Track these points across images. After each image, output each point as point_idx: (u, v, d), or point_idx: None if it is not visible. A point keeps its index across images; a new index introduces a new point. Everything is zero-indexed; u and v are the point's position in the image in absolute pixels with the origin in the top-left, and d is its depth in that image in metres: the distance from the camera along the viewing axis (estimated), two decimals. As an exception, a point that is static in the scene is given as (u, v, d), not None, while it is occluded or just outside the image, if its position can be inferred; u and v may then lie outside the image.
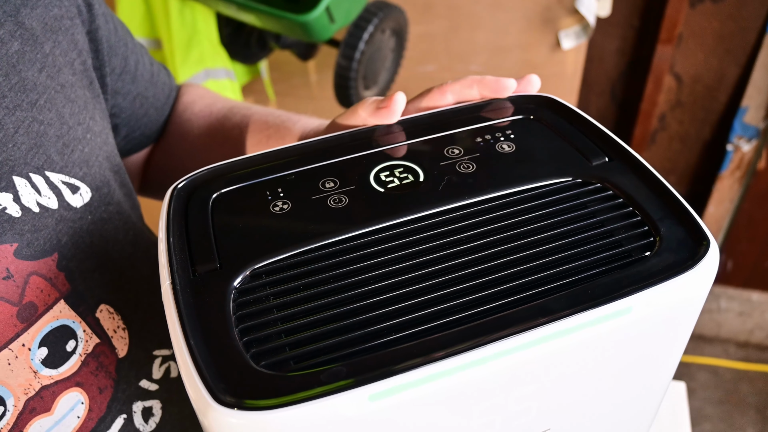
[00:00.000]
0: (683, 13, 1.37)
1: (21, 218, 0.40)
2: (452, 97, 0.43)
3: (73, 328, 0.43)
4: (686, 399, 0.80)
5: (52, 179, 0.42)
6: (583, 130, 0.40)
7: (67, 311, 0.42)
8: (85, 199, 0.44)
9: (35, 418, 0.41)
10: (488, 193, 0.35)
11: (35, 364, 0.40)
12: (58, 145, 0.43)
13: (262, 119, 0.57)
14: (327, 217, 0.34)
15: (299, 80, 1.48)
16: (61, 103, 0.44)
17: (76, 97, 0.46)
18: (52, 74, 0.44)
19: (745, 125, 1.50)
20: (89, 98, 0.48)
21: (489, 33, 1.37)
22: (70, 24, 0.47)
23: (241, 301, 0.30)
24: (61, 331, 0.42)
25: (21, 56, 0.42)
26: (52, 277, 0.41)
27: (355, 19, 1.12)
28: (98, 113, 0.49)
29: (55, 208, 0.42)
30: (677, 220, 0.33)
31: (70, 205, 0.43)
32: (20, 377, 0.40)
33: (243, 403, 0.26)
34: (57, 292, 0.42)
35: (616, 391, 0.35)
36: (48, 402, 0.41)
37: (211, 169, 0.38)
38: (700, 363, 1.80)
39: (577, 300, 0.29)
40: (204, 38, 1.19)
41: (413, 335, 0.29)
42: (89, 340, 0.43)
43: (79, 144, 0.45)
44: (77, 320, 0.43)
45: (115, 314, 0.46)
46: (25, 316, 0.40)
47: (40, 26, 0.44)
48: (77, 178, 0.44)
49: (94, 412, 0.43)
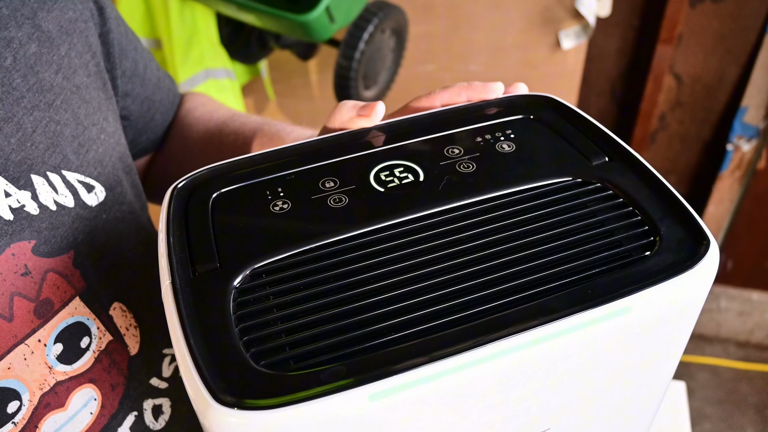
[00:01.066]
0: (683, 13, 1.37)
1: (39, 216, 0.41)
2: (441, 104, 0.43)
3: (87, 325, 0.43)
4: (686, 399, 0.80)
5: (68, 178, 0.43)
6: (583, 129, 0.40)
7: (82, 308, 0.43)
8: (99, 198, 0.45)
9: (50, 413, 0.41)
10: (488, 192, 0.35)
11: (50, 359, 0.41)
12: (73, 145, 0.44)
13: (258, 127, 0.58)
14: (327, 217, 0.34)
15: (299, 80, 1.49)
16: (76, 104, 0.45)
17: (90, 98, 0.47)
18: (68, 75, 0.45)
19: (745, 125, 1.50)
20: (103, 99, 0.49)
21: (489, 33, 1.37)
22: (84, 27, 0.48)
23: (241, 300, 0.30)
24: (76, 328, 0.43)
25: (38, 58, 0.43)
26: (68, 274, 0.42)
27: (355, 19, 1.12)
28: (111, 114, 0.50)
29: (72, 207, 0.43)
30: (677, 220, 0.33)
31: (86, 203, 0.44)
32: (36, 372, 0.40)
33: (243, 403, 0.26)
34: (73, 289, 0.42)
35: (616, 391, 0.35)
36: (62, 398, 0.42)
37: (211, 169, 0.38)
38: (700, 363, 1.80)
39: (577, 300, 0.29)
40: (204, 38, 1.19)
41: (413, 335, 0.29)
42: (103, 337, 0.44)
43: (94, 144, 0.46)
44: (92, 317, 0.43)
45: (127, 312, 0.46)
46: (41, 312, 0.41)
47: (56, 29, 0.45)
48: (92, 177, 0.45)
49: (106, 408, 0.44)
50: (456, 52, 1.41)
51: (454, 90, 0.43)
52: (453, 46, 1.40)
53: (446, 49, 1.40)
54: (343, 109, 0.40)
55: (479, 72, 1.42)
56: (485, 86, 0.42)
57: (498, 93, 0.43)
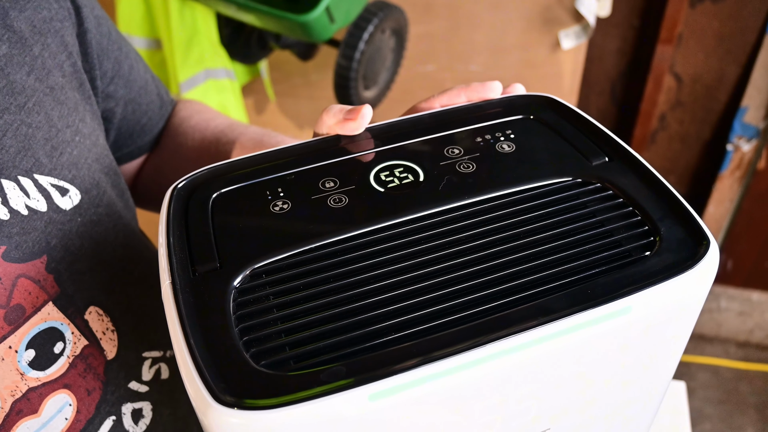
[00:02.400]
0: (683, 13, 1.37)
1: (9, 221, 0.40)
2: (440, 107, 0.43)
3: (61, 330, 0.43)
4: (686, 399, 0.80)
5: (41, 182, 0.42)
6: (583, 129, 0.40)
7: (55, 313, 0.42)
8: (74, 201, 0.44)
9: (22, 419, 0.41)
10: (488, 192, 0.35)
11: (22, 366, 0.40)
12: (46, 148, 0.43)
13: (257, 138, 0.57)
14: (327, 217, 0.34)
15: (299, 80, 1.48)
16: (49, 106, 0.44)
17: (65, 99, 0.46)
18: (41, 77, 0.44)
19: (745, 125, 1.50)
20: (79, 100, 0.48)
21: (489, 33, 1.37)
22: (60, 26, 0.47)
23: (241, 300, 0.30)
24: (49, 333, 0.42)
25: (9, 59, 0.42)
26: (41, 279, 0.42)
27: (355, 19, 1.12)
28: (88, 115, 0.49)
29: (44, 211, 0.42)
30: (677, 220, 0.33)
31: (60, 207, 0.43)
32: (6, 379, 0.40)
33: (243, 403, 0.26)
34: (45, 295, 0.42)
35: (616, 391, 0.35)
36: (35, 404, 0.41)
37: (211, 169, 0.38)
38: (700, 363, 1.80)
39: (577, 300, 0.29)
40: (204, 38, 1.19)
41: (413, 335, 0.29)
42: (77, 342, 0.43)
43: (68, 146, 0.45)
44: (65, 322, 0.43)
45: (104, 316, 0.46)
46: (12, 318, 0.40)
47: (29, 29, 0.44)
48: (66, 180, 0.44)
49: (82, 413, 0.43)
50: (456, 52, 1.41)
51: (453, 92, 0.43)
52: (453, 46, 1.40)
53: (446, 49, 1.40)
54: (330, 113, 0.40)
55: (479, 72, 1.42)
56: (484, 86, 0.42)
57: (496, 92, 0.43)
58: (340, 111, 0.40)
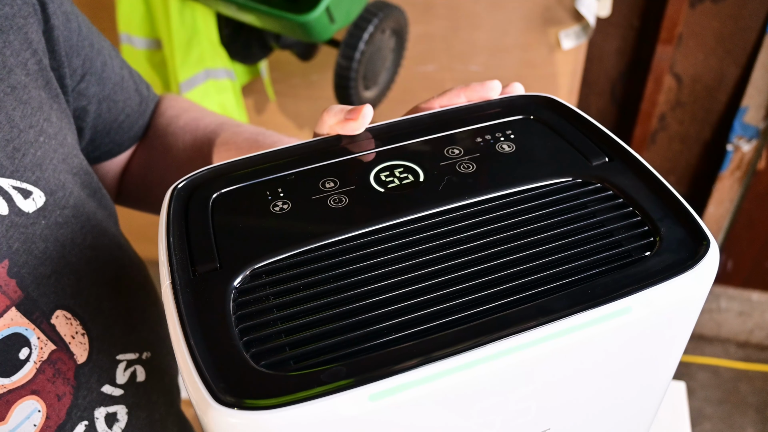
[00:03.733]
0: (683, 13, 1.37)
1: None
2: (440, 107, 0.43)
3: (25, 335, 0.41)
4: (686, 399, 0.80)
5: (1, 184, 0.41)
6: (583, 130, 0.40)
7: (19, 318, 0.41)
8: (38, 203, 0.43)
9: None
10: (488, 193, 0.35)
11: None
12: (7, 150, 0.42)
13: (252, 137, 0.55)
14: (327, 217, 0.34)
15: (299, 80, 1.48)
16: (11, 106, 0.43)
17: (29, 99, 0.44)
18: (2, 76, 0.43)
19: (745, 125, 1.50)
20: (45, 99, 0.47)
21: (489, 33, 1.37)
22: (23, 23, 0.45)
23: (241, 300, 0.30)
24: (13, 340, 0.41)
25: None
26: (2, 284, 0.40)
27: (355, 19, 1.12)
28: (55, 114, 0.47)
29: (5, 214, 0.41)
30: (677, 220, 0.33)
31: (22, 210, 0.42)
32: None
33: (243, 403, 0.26)
34: (8, 300, 0.41)
35: (616, 391, 0.35)
36: (2, 411, 0.40)
37: (211, 169, 0.38)
38: (700, 363, 1.80)
39: (577, 300, 0.29)
40: (204, 38, 1.19)
41: (413, 335, 0.29)
42: (44, 347, 0.42)
43: (31, 147, 0.43)
44: (30, 327, 0.42)
45: (73, 320, 0.45)
46: None
47: None
48: (29, 182, 0.43)
49: (52, 419, 0.42)
50: (456, 52, 1.41)
51: (453, 93, 0.43)
52: (453, 46, 1.40)
53: (446, 49, 1.40)
54: (330, 113, 0.40)
55: (479, 72, 1.42)
56: (483, 85, 0.42)
57: (496, 91, 0.43)
58: (340, 111, 0.39)
